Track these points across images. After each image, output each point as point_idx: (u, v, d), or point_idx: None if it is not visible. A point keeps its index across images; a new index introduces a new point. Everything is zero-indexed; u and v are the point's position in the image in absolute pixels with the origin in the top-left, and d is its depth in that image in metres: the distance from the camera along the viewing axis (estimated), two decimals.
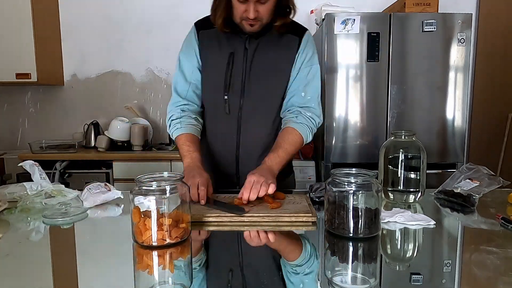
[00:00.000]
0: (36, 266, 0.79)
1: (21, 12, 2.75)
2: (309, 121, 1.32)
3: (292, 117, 1.31)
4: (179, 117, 1.33)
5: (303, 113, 1.31)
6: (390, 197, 1.20)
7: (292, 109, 1.33)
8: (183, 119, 1.33)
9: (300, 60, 1.32)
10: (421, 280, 0.73)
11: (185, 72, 1.35)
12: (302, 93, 1.32)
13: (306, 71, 1.32)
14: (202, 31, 1.32)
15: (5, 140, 3.25)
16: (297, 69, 1.32)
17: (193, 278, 0.73)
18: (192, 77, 1.34)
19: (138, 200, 0.85)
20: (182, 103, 1.35)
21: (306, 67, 1.32)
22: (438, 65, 2.39)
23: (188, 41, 1.35)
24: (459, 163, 2.45)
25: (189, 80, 1.34)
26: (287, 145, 1.26)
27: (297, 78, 1.32)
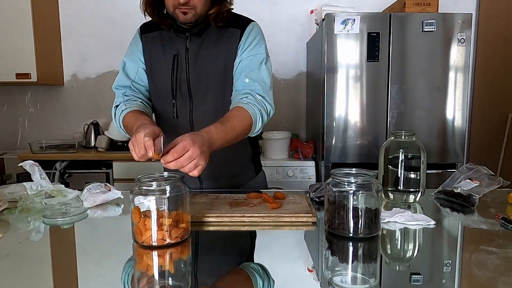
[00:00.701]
0: (36, 266, 0.79)
1: (21, 12, 2.75)
2: (261, 104, 1.17)
3: (241, 98, 1.17)
4: (123, 101, 1.25)
5: (253, 95, 1.18)
6: (390, 197, 1.20)
7: (239, 91, 1.20)
8: (127, 102, 1.24)
9: (241, 50, 1.23)
10: (421, 280, 0.73)
11: (128, 72, 1.30)
12: (246, 79, 1.20)
13: (249, 60, 1.22)
14: (145, 34, 1.29)
15: (5, 140, 3.25)
16: (238, 59, 1.23)
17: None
18: (136, 77, 1.30)
19: (138, 200, 0.85)
20: (123, 91, 1.29)
21: (249, 56, 1.23)
22: (438, 65, 2.39)
23: (133, 44, 1.32)
24: (459, 163, 2.45)
25: (132, 78, 1.30)
26: (236, 121, 1.09)
27: (239, 66, 1.23)
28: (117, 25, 3.15)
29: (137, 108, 1.23)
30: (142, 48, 1.29)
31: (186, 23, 1.20)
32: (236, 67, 1.24)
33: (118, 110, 1.25)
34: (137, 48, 1.30)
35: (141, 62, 1.30)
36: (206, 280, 0.75)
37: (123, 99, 1.27)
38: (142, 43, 1.29)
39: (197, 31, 1.23)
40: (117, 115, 1.24)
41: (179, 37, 1.25)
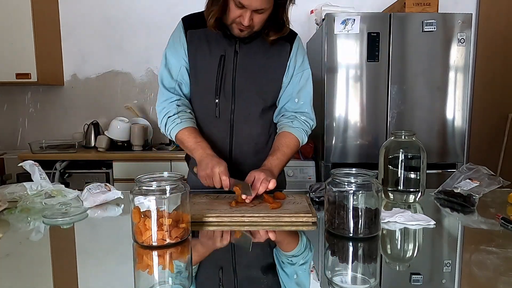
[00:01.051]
0: (36, 266, 0.79)
1: (21, 12, 2.75)
2: (304, 125, 1.34)
3: (287, 122, 1.33)
4: (176, 112, 1.30)
5: (298, 117, 1.34)
6: (390, 197, 1.20)
7: (286, 114, 1.35)
8: (180, 114, 1.30)
9: (292, 66, 1.32)
10: (421, 280, 0.73)
11: (171, 70, 1.32)
12: (296, 99, 1.34)
13: (299, 77, 1.34)
14: (191, 30, 1.29)
15: (5, 140, 3.25)
16: (289, 76, 1.32)
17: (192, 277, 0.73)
18: (178, 75, 1.32)
19: (138, 200, 0.85)
20: (175, 98, 1.32)
21: (299, 73, 1.33)
22: (438, 65, 2.39)
23: (176, 39, 1.32)
24: (459, 163, 2.45)
25: (175, 78, 1.32)
26: (285, 148, 1.29)
27: (290, 84, 1.33)
28: (117, 25, 3.15)
29: (191, 124, 1.30)
30: (187, 45, 1.29)
31: (240, 36, 1.23)
32: (287, 83, 1.33)
33: (171, 121, 1.30)
34: (180, 45, 1.30)
35: (184, 60, 1.30)
36: None
37: (177, 110, 1.31)
38: (187, 40, 1.29)
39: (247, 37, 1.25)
40: (169, 127, 1.30)
41: (228, 40, 1.27)
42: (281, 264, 0.79)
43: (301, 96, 1.34)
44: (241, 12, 1.14)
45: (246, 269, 0.79)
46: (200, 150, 1.23)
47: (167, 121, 1.31)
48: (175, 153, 2.77)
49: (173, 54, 1.32)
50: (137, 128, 2.86)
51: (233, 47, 1.27)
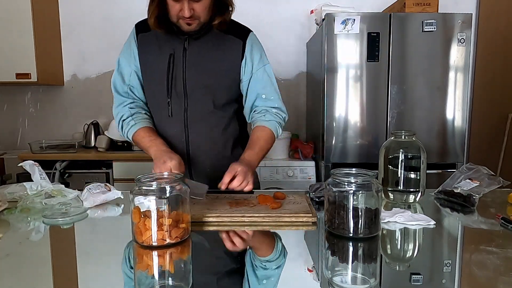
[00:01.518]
0: (36, 266, 0.79)
1: (21, 12, 2.75)
2: (277, 117, 1.35)
3: (260, 116, 1.34)
4: (130, 115, 1.32)
5: (269, 110, 1.35)
6: (390, 197, 1.20)
7: (257, 109, 1.36)
8: (134, 116, 1.32)
9: (249, 63, 1.31)
10: (421, 280, 0.73)
11: (123, 74, 1.34)
12: (263, 95, 1.35)
13: (261, 73, 1.34)
14: (141, 34, 1.30)
15: (5, 140, 3.25)
16: (249, 73, 1.32)
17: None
18: (130, 80, 1.34)
19: (138, 200, 0.85)
20: (128, 101, 1.34)
21: (259, 69, 1.33)
22: (438, 65, 2.39)
23: (127, 44, 1.34)
24: (459, 163, 2.45)
25: (127, 83, 1.34)
26: (262, 141, 1.30)
27: (252, 81, 1.33)
28: (117, 25, 3.15)
29: (146, 124, 1.31)
30: (137, 48, 1.31)
31: (190, 31, 1.23)
32: (249, 80, 1.33)
33: (126, 124, 1.32)
34: (131, 49, 1.33)
35: (134, 65, 1.33)
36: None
37: (130, 112, 1.33)
38: (137, 43, 1.31)
39: (196, 34, 1.25)
40: (125, 130, 1.32)
41: (177, 38, 1.27)
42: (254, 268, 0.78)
43: (267, 92, 1.35)
44: (179, 5, 1.14)
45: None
46: (154, 147, 1.23)
47: (122, 124, 1.33)
48: None
49: (125, 59, 1.34)
50: None
51: (182, 44, 1.27)
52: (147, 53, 1.30)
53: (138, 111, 1.34)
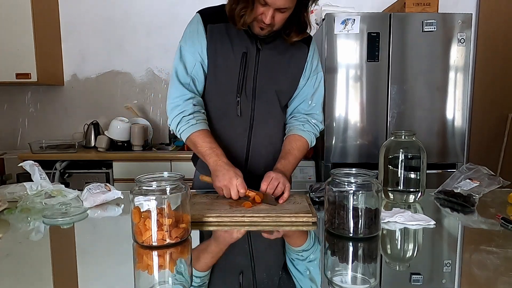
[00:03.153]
0: (36, 266, 0.79)
1: (21, 12, 2.75)
2: (314, 128, 1.37)
3: (299, 125, 1.35)
4: (192, 112, 1.24)
5: (309, 121, 1.36)
6: (390, 197, 1.20)
7: (297, 116, 1.37)
8: (196, 114, 1.25)
9: (308, 69, 1.33)
10: (421, 280, 0.73)
11: (187, 65, 1.25)
12: (310, 101, 1.35)
13: (313, 79, 1.35)
14: (210, 25, 1.23)
15: (5, 140, 3.25)
16: (306, 77, 1.33)
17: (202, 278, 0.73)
18: (193, 71, 1.26)
19: (138, 200, 0.85)
20: (190, 96, 1.25)
21: (313, 75, 1.35)
22: (438, 65, 2.39)
23: (193, 33, 1.24)
24: (459, 163, 2.45)
25: (190, 74, 1.26)
26: (296, 151, 1.31)
27: (306, 86, 1.34)
28: (117, 25, 3.15)
29: (205, 126, 1.25)
30: (207, 40, 1.23)
31: (259, 35, 1.22)
32: (303, 85, 1.34)
33: (186, 121, 1.23)
34: (198, 40, 1.24)
35: (200, 56, 1.25)
36: None
37: (193, 109, 1.24)
38: (206, 35, 1.23)
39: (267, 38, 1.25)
40: (183, 126, 1.24)
41: (248, 36, 1.24)
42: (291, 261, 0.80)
43: (314, 98, 1.36)
44: (263, 10, 1.12)
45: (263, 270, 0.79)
46: (214, 157, 1.19)
47: (181, 120, 1.24)
48: (175, 153, 2.77)
49: (189, 49, 1.25)
50: (137, 128, 2.86)
51: (255, 44, 1.25)
52: (218, 48, 1.23)
53: (199, 109, 1.27)
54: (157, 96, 3.22)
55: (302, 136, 1.33)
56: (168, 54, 3.07)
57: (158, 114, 3.24)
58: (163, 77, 3.20)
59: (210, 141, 1.22)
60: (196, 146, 1.23)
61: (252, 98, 1.28)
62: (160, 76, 3.20)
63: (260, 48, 1.25)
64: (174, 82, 1.26)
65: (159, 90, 3.21)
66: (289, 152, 1.30)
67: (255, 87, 1.27)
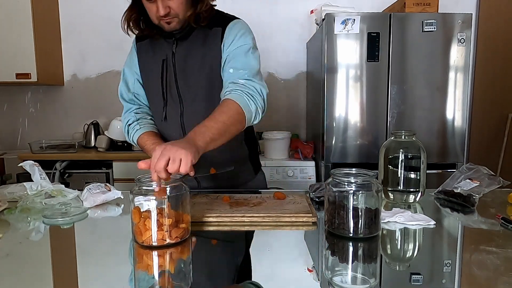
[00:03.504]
0: (36, 266, 0.79)
1: (21, 12, 2.75)
2: (244, 87, 1.14)
3: (225, 92, 1.15)
4: (135, 119, 1.33)
5: (235, 82, 1.16)
6: (390, 197, 1.20)
7: (225, 85, 1.20)
8: (139, 120, 1.33)
9: (226, 46, 1.21)
10: (421, 280, 0.73)
11: (128, 83, 1.36)
12: (230, 70, 1.18)
13: (232, 49, 1.20)
14: (139, 42, 1.33)
15: (5, 140, 3.25)
16: (224, 55, 1.21)
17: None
18: (134, 87, 1.36)
19: (138, 200, 0.85)
20: (134, 107, 1.36)
21: (234, 49, 1.20)
22: (438, 65, 2.39)
23: (130, 53, 1.37)
24: (459, 163, 2.45)
25: (132, 91, 1.36)
26: (216, 114, 1.06)
27: (225, 61, 1.21)
28: (117, 25, 3.11)
29: (150, 128, 1.32)
30: (137, 56, 1.33)
31: (173, 31, 1.22)
32: (223, 63, 1.22)
33: (132, 129, 1.33)
34: (131, 59, 1.35)
35: (136, 73, 1.34)
36: None
37: (135, 117, 1.34)
38: (136, 51, 1.34)
39: (182, 35, 1.24)
40: (131, 134, 1.33)
41: (167, 42, 1.27)
42: None
43: (236, 66, 1.18)
44: (155, 5, 1.14)
45: None
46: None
47: (128, 129, 1.34)
48: None
49: (128, 68, 1.36)
50: None
51: (171, 49, 1.26)
52: (144, 60, 1.32)
53: (143, 116, 1.35)
54: None
55: (226, 98, 1.11)
56: None
57: None
58: None
59: (154, 138, 1.27)
60: (143, 147, 1.29)
61: (179, 103, 1.28)
62: None
63: (175, 51, 1.26)
64: (122, 102, 1.38)
65: None
66: (208, 118, 1.05)
67: (178, 91, 1.27)
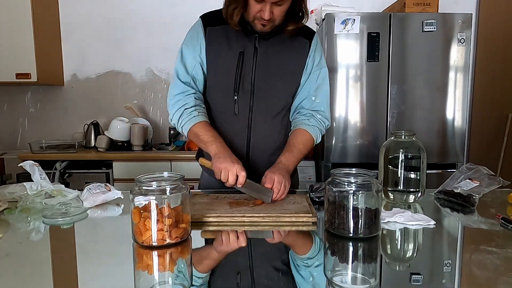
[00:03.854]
0: (36, 266, 0.79)
1: (21, 12, 2.75)
2: (320, 124, 1.34)
3: (304, 119, 1.33)
4: (194, 105, 1.28)
5: (314, 116, 1.33)
6: (390, 197, 1.20)
7: (302, 111, 1.35)
8: (197, 107, 1.28)
9: (310, 64, 1.32)
10: (421, 280, 0.73)
11: (187, 65, 1.30)
12: (313, 97, 1.34)
13: (316, 75, 1.34)
14: (210, 27, 1.28)
15: (5, 140, 3.25)
16: (307, 73, 1.33)
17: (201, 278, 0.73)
18: (193, 71, 1.30)
19: (138, 200, 0.85)
20: (192, 91, 1.30)
21: (316, 71, 1.33)
22: (438, 65, 2.39)
23: (194, 35, 1.30)
24: (459, 163, 2.45)
25: (190, 73, 1.30)
26: (300, 145, 1.29)
27: (308, 81, 1.33)
28: (117, 25, 3.15)
29: (206, 118, 1.29)
30: (206, 42, 1.28)
31: (262, 32, 1.23)
32: (305, 81, 1.33)
33: (188, 113, 1.27)
34: (198, 42, 1.29)
35: (200, 57, 1.29)
36: None
37: (195, 102, 1.29)
38: (205, 37, 1.28)
39: (266, 35, 1.26)
40: (185, 118, 1.27)
41: (247, 36, 1.26)
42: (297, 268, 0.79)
43: (318, 94, 1.34)
44: (260, 6, 1.14)
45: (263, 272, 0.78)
46: (217, 144, 1.21)
47: (183, 112, 1.27)
48: (175, 153, 2.77)
49: (189, 51, 1.30)
50: (137, 128, 2.86)
51: (253, 43, 1.27)
52: (216, 48, 1.28)
53: (200, 104, 1.31)
54: (157, 96, 3.22)
55: (307, 131, 1.31)
56: (168, 54, 3.07)
57: (158, 114, 3.24)
58: (163, 77, 3.20)
59: (212, 131, 1.25)
60: (198, 135, 1.25)
61: (250, 97, 1.29)
62: (160, 76, 3.20)
63: (258, 47, 1.26)
64: (176, 81, 1.30)
65: (159, 90, 3.21)
66: (293, 145, 1.28)
67: (253, 86, 1.28)
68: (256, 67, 1.27)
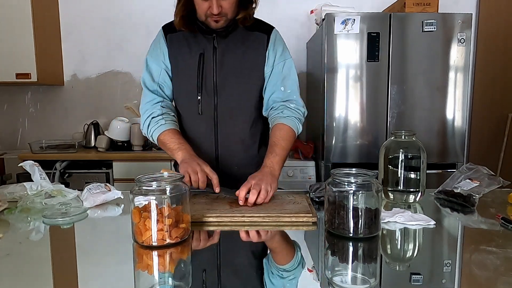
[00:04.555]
0: (36, 266, 0.79)
1: (21, 12, 2.75)
2: (295, 112, 1.33)
3: (278, 113, 1.31)
4: (161, 114, 1.32)
5: (287, 106, 1.32)
6: (390, 197, 1.20)
7: (275, 106, 1.34)
8: (164, 115, 1.32)
9: (272, 56, 1.33)
10: (421, 280, 0.73)
11: (152, 73, 1.35)
12: (282, 88, 1.33)
13: (281, 66, 1.34)
14: (170, 34, 1.33)
15: (5, 140, 3.24)
16: (270, 66, 1.33)
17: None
18: (159, 78, 1.35)
19: (138, 200, 0.85)
20: (159, 100, 1.34)
21: (280, 62, 1.34)
22: (438, 65, 2.39)
23: (157, 44, 1.36)
24: (459, 163, 2.45)
25: (156, 81, 1.35)
26: (282, 141, 1.26)
27: (272, 74, 1.33)
28: (117, 25, 3.15)
29: (174, 126, 1.32)
30: (168, 48, 1.33)
31: (218, 28, 1.26)
32: (269, 73, 1.33)
33: (155, 122, 1.31)
34: (160, 50, 1.34)
35: (164, 64, 1.34)
36: None
37: (161, 111, 1.32)
38: (167, 44, 1.33)
39: (223, 33, 1.28)
40: (153, 127, 1.31)
41: (206, 38, 1.30)
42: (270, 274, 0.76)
43: (286, 84, 1.34)
44: (208, 3, 1.17)
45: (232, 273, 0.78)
46: (183, 151, 1.23)
47: (151, 122, 1.32)
48: None
49: (153, 59, 1.35)
50: (137, 128, 2.86)
51: (211, 43, 1.30)
52: (177, 52, 1.32)
53: (168, 111, 1.34)
54: None
55: (284, 124, 1.29)
56: None
57: None
58: None
59: (179, 138, 1.27)
60: (165, 144, 1.28)
61: (214, 96, 1.31)
62: None
63: (216, 46, 1.29)
64: (144, 91, 1.37)
65: None
66: (274, 144, 1.26)
67: (215, 85, 1.30)
68: (216, 66, 1.30)
